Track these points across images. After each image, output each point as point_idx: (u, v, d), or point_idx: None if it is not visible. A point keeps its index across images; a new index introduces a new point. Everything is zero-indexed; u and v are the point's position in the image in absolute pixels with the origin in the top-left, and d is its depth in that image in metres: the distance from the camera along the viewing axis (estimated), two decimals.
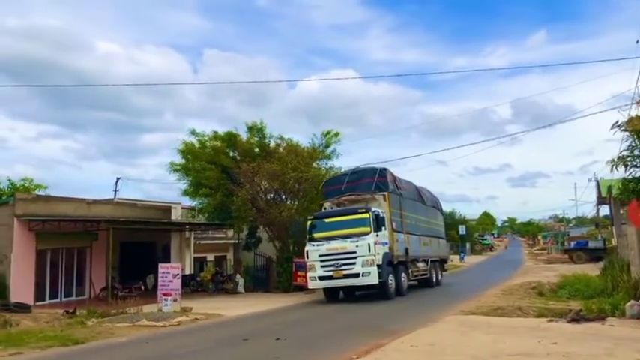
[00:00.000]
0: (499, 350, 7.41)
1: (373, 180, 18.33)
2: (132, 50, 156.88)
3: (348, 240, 16.19)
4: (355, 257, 15.98)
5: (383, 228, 16.77)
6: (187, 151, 23.42)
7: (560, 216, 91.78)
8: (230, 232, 28.82)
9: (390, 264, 16.92)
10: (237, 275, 23.70)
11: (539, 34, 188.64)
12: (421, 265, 20.42)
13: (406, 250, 18.52)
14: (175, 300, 15.14)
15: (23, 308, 16.15)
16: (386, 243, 16.85)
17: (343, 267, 16.09)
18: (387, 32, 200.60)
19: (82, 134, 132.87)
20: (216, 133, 24.12)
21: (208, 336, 10.84)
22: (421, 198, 22.46)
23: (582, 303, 12.17)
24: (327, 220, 17.29)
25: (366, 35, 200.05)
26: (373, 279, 15.82)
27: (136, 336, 11.22)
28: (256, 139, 23.75)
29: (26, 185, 31.23)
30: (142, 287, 21.30)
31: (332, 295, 17.68)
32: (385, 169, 18.82)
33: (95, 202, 23.31)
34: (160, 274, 15.64)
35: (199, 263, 29.64)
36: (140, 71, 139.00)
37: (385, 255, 16.52)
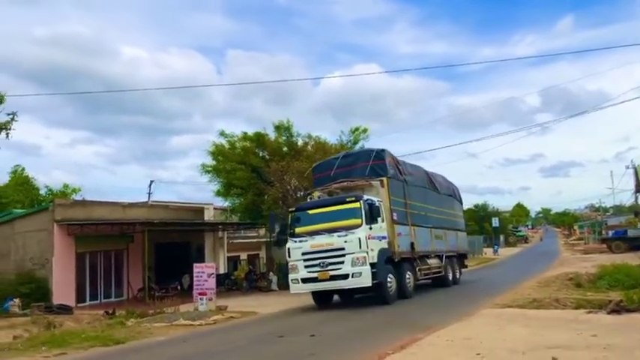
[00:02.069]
0: (537, 343, 7.28)
1: (368, 163, 15.60)
2: (157, 54, 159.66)
3: (336, 235, 13.60)
4: (344, 255, 13.43)
5: (379, 219, 14.11)
6: (218, 153, 23.79)
7: (597, 205, 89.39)
8: (262, 231, 29.10)
9: (390, 262, 14.41)
10: (271, 273, 23.93)
11: (567, 20, 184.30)
12: (433, 261, 17.70)
13: (412, 245, 15.83)
14: (211, 299, 15.37)
15: (65, 310, 16.70)
16: (384, 237, 14.25)
17: (330, 267, 13.55)
18: (411, 25, 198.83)
19: (114, 139, 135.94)
20: (245, 133, 24.47)
21: (244, 334, 10.98)
22: (433, 185, 19.47)
23: (623, 293, 11.81)
24: (311, 212, 14.53)
25: (391, 29, 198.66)
26: (365, 280, 13.23)
27: (173, 335, 11.46)
28: (284, 137, 23.97)
29: (64, 191, 32.19)
30: (178, 287, 21.72)
31: (322, 299, 15.04)
32: (383, 150, 15.83)
33: (130, 205, 23.88)
34: (194, 274, 15.91)
35: (233, 262, 30.05)
36: (166, 74, 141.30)
37: (382, 251, 13.91)
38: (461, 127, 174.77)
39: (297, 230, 14.41)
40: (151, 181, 37.80)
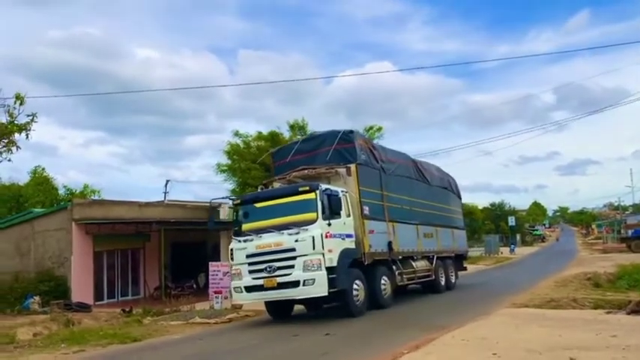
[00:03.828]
0: (554, 343, 7.21)
1: (333, 147, 13.12)
2: (171, 55, 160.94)
3: (286, 233, 11.33)
4: (294, 258, 11.17)
5: (342, 214, 11.83)
6: (233, 152, 23.93)
7: (616, 203, 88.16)
8: None
9: (357, 265, 12.11)
10: None
11: (583, 15, 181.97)
12: (420, 264, 15.41)
13: (389, 244, 13.47)
14: (226, 297, 15.46)
15: (84, 308, 16.94)
16: (349, 236, 11.90)
17: (278, 272, 11.28)
18: (425, 23, 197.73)
19: (128, 139, 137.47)
20: (259, 133, 24.62)
21: (258, 332, 11.04)
22: (421, 175, 16.93)
23: None
24: (258, 205, 12.27)
25: (404, 27, 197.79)
26: (319, 289, 10.89)
27: (189, 333, 11.56)
28: (299, 136, 24.03)
29: (83, 191, 32.68)
30: (194, 286, 21.89)
31: (278, 311, 12.81)
32: (352, 132, 13.47)
33: (146, 204, 24.07)
34: (210, 273, 16.01)
35: None
36: (179, 75, 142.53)
37: (345, 253, 11.57)
38: (476, 125, 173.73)
39: (244, 227, 12.21)
40: (167, 181, 38.18)
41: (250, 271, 11.74)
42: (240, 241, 12.02)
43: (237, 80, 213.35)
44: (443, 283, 16.78)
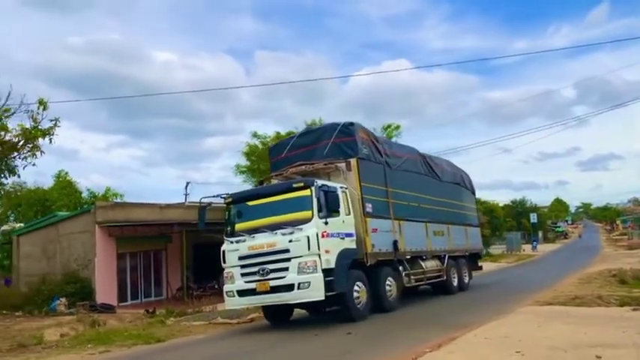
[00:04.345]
0: (579, 341, 7.12)
1: (332, 141, 12.39)
2: (189, 57, 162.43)
3: (279, 232, 10.62)
4: (288, 259, 10.45)
5: (341, 211, 11.13)
6: (251, 153, 24.06)
7: None
8: None
9: (359, 266, 11.42)
10: None
11: (602, 8, 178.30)
12: (430, 264, 14.65)
13: (395, 243, 12.75)
14: None
15: (108, 309, 17.23)
16: (348, 235, 11.19)
17: (271, 275, 10.57)
18: (442, 20, 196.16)
19: (148, 142, 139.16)
20: (278, 133, 24.69)
21: (280, 332, 11.08)
22: (431, 171, 16.10)
23: None
24: (250, 204, 11.64)
25: (421, 25, 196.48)
26: (315, 292, 10.16)
27: (212, 333, 11.69)
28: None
29: (105, 194, 33.18)
30: (216, 286, 22.05)
31: (275, 316, 12.19)
32: (352, 124, 12.56)
33: (167, 206, 24.36)
34: None
35: None
36: (197, 77, 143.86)
37: (344, 253, 10.85)
38: (494, 122, 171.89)
39: (236, 227, 11.61)
40: (187, 183, 38.51)
41: (243, 274, 11.02)
42: (232, 242, 11.35)
43: (254, 81, 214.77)
44: (455, 283, 16.04)
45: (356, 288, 11.14)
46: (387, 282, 12.33)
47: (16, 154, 14.15)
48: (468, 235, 18.14)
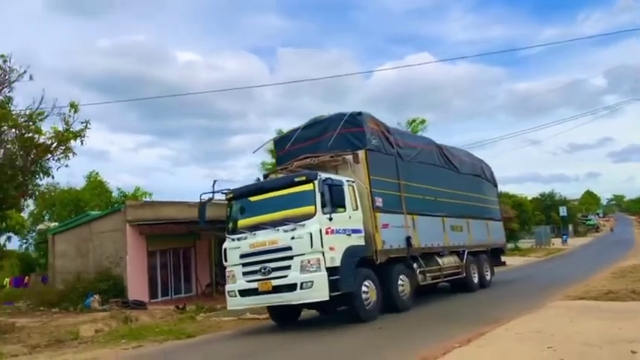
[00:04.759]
0: (614, 336, 6.98)
1: (339, 132, 11.70)
2: (213, 57, 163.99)
3: (281, 229, 10.12)
4: (291, 257, 9.95)
5: (346, 206, 10.57)
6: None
7: None
8: None
9: (367, 264, 10.85)
10: None
11: None
12: (448, 260, 14.01)
13: (408, 239, 12.12)
14: None
15: (140, 305, 17.60)
16: (356, 231, 10.66)
17: (273, 274, 10.07)
18: (467, 11, 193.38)
19: (175, 141, 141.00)
20: None
21: (309, 327, 11.16)
22: (448, 162, 15.36)
23: None
24: (252, 199, 11.19)
25: (446, 17, 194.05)
26: (319, 293, 9.65)
27: (241, 328, 11.85)
28: None
29: (135, 194, 33.84)
30: None
31: (282, 316, 11.66)
32: (360, 114, 11.90)
33: (196, 204, 24.68)
34: None
35: None
36: (222, 76, 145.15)
37: (350, 250, 10.32)
38: (521, 114, 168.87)
39: (239, 224, 11.13)
40: (214, 181, 38.55)
41: (244, 273, 10.52)
42: (233, 240, 10.86)
43: (277, 79, 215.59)
44: (476, 280, 15.30)
45: (364, 287, 10.54)
46: (400, 280, 11.73)
47: (49, 156, 14.54)
48: (489, 229, 17.33)
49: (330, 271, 9.76)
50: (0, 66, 14.00)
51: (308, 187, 10.19)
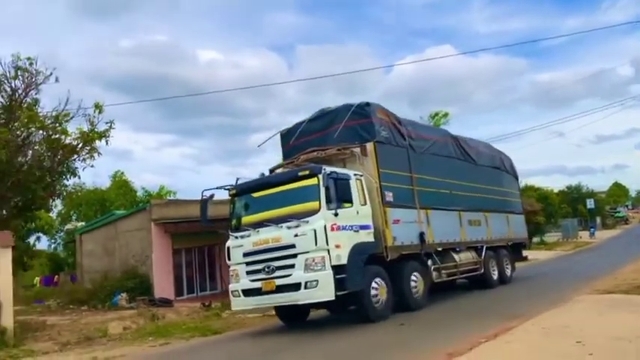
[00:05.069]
0: None
1: (346, 124, 11.17)
2: (232, 55, 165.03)
3: (285, 226, 9.72)
4: (294, 255, 9.54)
5: (354, 201, 10.16)
6: None
7: None
8: None
9: (377, 261, 10.40)
10: None
11: None
12: (465, 256, 13.48)
13: (421, 235, 11.64)
14: None
15: (166, 303, 17.84)
16: (364, 227, 10.22)
17: (277, 273, 9.70)
18: (488, 3, 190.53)
19: (197, 140, 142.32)
20: None
21: (333, 323, 11.13)
22: (465, 154, 14.75)
23: None
24: (255, 195, 10.79)
25: (466, 8, 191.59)
26: (324, 292, 9.23)
27: (266, 325, 11.89)
28: None
29: (159, 193, 34.32)
30: None
31: (290, 316, 11.29)
32: (368, 104, 11.40)
33: (220, 202, 24.90)
34: None
35: None
36: (242, 74, 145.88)
37: (358, 247, 9.87)
38: (545, 105, 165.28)
39: (243, 221, 10.78)
40: (237, 179, 38.95)
41: (248, 272, 10.16)
42: (236, 238, 10.53)
43: (297, 75, 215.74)
44: (495, 276, 14.72)
45: (374, 286, 10.11)
46: (413, 278, 11.27)
47: (75, 156, 14.85)
48: (509, 223, 16.59)
49: (336, 269, 9.33)
50: (27, 69, 14.37)
51: (312, 181, 9.75)
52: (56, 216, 33.98)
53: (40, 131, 14.51)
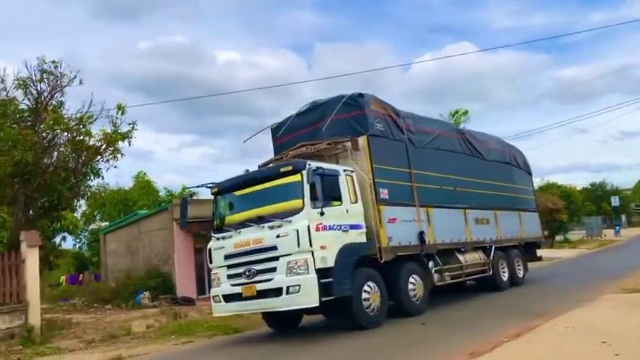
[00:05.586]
0: None
1: (337, 116, 10.54)
2: (251, 55, 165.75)
3: (267, 226, 9.11)
4: (276, 258, 8.89)
5: (343, 199, 9.49)
6: None
7: None
8: None
9: (370, 263, 9.73)
10: None
11: None
12: (471, 257, 12.78)
13: (421, 235, 10.95)
14: None
15: (188, 302, 18.01)
16: (355, 227, 9.56)
17: (257, 277, 9.05)
18: None
19: (217, 140, 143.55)
20: None
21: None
22: (472, 148, 14.01)
23: None
24: (238, 194, 10.23)
25: (486, 4, 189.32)
26: (308, 297, 8.55)
27: None
28: None
29: (181, 192, 34.64)
30: None
31: (278, 322, 10.71)
32: (362, 95, 10.72)
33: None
34: None
35: None
36: (260, 74, 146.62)
37: (347, 249, 9.21)
38: (568, 101, 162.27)
39: (226, 221, 10.17)
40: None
41: (229, 276, 9.52)
42: (218, 239, 9.91)
43: (316, 74, 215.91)
44: (505, 278, 13.98)
45: (366, 289, 9.42)
46: (411, 281, 10.55)
47: (99, 157, 15.12)
48: (522, 221, 15.73)
49: (322, 272, 8.64)
50: (52, 72, 14.67)
51: (295, 178, 9.07)
52: (81, 216, 34.50)
53: (65, 133, 14.81)
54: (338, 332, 9.62)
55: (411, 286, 10.49)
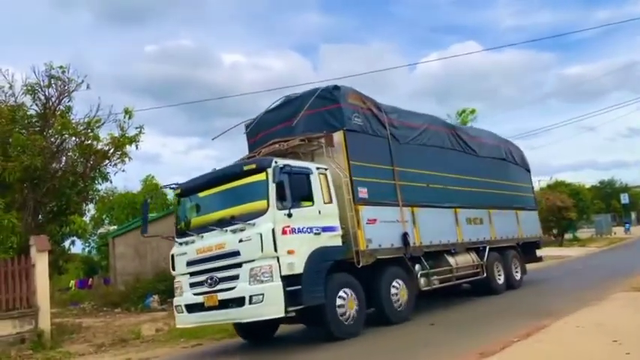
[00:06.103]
0: None
1: (311, 110, 9.91)
2: (256, 57, 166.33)
3: (229, 230, 8.35)
4: (239, 264, 8.14)
5: (314, 199, 8.79)
6: None
7: None
8: None
9: (346, 268, 8.99)
10: None
11: None
12: (462, 259, 11.95)
13: (404, 237, 10.15)
14: None
15: None
16: (328, 229, 8.81)
17: (219, 286, 8.33)
18: None
19: (222, 142, 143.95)
20: None
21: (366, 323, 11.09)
22: (463, 144, 13.26)
23: None
24: (201, 195, 9.51)
25: (492, 3, 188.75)
26: (272, 307, 7.82)
27: (297, 327, 11.85)
28: None
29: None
30: None
31: (252, 332, 9.89)
32: (337, 87, 10.07)
33: None
34: None
35: None
36: (265, 76, 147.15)
37: (318, 253, 8.46)
38: (575, 100, 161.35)
39: (190, 224, 9.45)
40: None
41: (191, 284, 8.80)
42: (180, 244, 9.18)
43: (321, 75, 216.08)
44: (501, 281, 13.22)
45: (341, 296, 8.70)
46: (394, 285, 9.82)
47: (107, 161, 15.20)
48: (519, 220, 14.88)
49: (289, 280, 7.93)
50: (59, 77, 14.76)
51: (260, 176, 8.37)
52: (89, 220, 34.72)
53: (73, 138, 14.89)
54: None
55: (393, 291, 9.80)
